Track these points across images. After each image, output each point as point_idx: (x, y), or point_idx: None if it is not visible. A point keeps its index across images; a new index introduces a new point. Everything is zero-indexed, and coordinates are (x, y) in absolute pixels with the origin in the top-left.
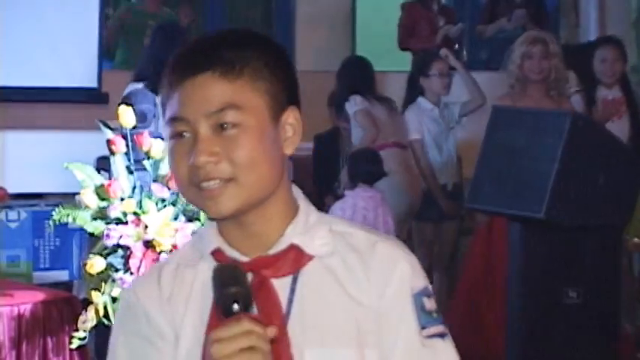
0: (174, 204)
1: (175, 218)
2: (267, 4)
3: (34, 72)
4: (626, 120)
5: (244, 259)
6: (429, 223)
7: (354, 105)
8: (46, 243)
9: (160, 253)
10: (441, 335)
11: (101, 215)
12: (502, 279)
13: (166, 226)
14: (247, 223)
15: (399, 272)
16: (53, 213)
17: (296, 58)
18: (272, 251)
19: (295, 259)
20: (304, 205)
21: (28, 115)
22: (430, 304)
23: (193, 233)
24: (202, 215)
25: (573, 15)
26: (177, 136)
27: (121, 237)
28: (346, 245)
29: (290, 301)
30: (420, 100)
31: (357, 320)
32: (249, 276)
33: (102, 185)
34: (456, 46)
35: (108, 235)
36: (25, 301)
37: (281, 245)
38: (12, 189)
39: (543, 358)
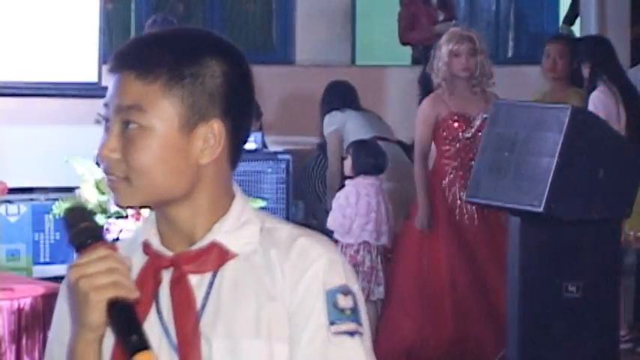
0: None
1: None
2: None
3: (33, 67)
4: None
5: (169, 253)
6: None
7: (328, 126)
8: (46, 237)
9: None
10: (351, 333)
11: (101, 209)
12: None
13: None
14: (172, 219)
15: (314, 267)
16: (53, 207)
17: (296, 53)
18: (194, 247)
19: (218, 256)
20: (239, 204)
21: (29, 109)
22: (345, 302)
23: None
24: None
25: None
26: (104, 120)
27: (121, 231)
28: (270, 241)
29: (207, 295)
30: None
31: (267, 314)
32: (170, 271)
33: (102, 179)
34: None
35: (108, 229)
36: (25, 295)
37: (204, 242)
38: (12, 183)
39: (543, 352)
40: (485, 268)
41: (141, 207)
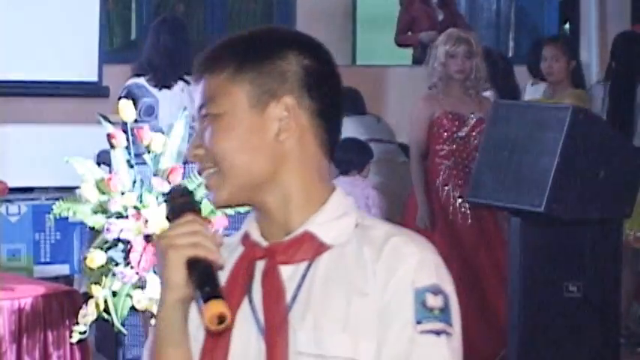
0: None
1: None
2: None
3: (34, 66)
4: None
5: (264, 244)
6: None
7: None
8: (47, 237)
9: None
10: (437, 332)
11: (101, 209)
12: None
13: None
14: (266, 208)
15: (405, 266)
16: (54, 207)
17: None
18: (288, 237)
19: (311, 246)
20: (337, 196)
21: (29, 108)
22: (434, 301)
23: None
24: (203, 207)
25: None
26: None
27: (121, 231)
28: (364, 237)
29: (299, 286)
30: None
31: (356, 310)
32: (264, 261)
33: (102, 179)
34: None
35: (108, 229)
36: (26, 295)
37: (297, 232)
38: (12, 183)
39: (544, 352)
40: (479, 267)
41: (234, 204)
